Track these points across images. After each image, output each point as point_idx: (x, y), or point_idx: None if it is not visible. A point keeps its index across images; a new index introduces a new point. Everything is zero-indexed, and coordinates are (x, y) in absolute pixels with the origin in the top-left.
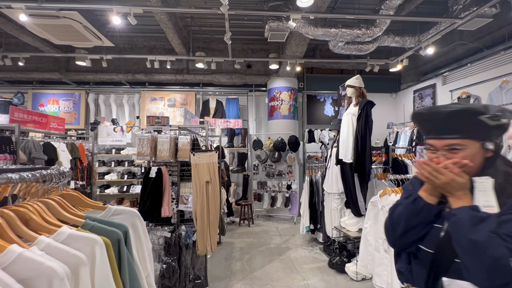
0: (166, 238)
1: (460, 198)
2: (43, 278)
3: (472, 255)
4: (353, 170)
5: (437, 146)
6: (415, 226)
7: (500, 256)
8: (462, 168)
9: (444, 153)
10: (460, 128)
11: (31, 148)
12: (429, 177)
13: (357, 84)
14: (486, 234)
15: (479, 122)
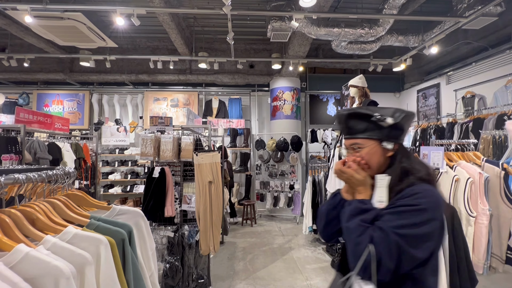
0: (169, 238)
1: (360, 193)
2: (49, 277)
3: (346, 239)
4: None
5: (347, 145)
6: (333, 218)
7: (360, 241)
8: (360, 166)
9: (351, 151)
10: (358, 129)
11: (36, 148)
12: (337, 175)
13: (360, 84)
14: (356, 223)
15: (374, 123)
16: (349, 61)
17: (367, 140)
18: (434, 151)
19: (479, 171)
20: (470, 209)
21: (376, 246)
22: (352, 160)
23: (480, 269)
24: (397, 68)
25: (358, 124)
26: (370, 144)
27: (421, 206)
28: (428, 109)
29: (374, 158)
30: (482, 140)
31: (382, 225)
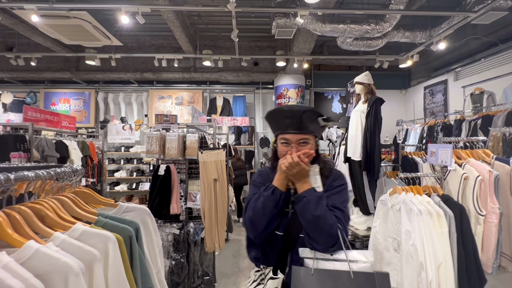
0: (175, 235)
1: (305, 183)
2: (59, 274)
3: (316, 226)
4: (362, 168)
5: (292, 140)
6: (276, 214)
7: (332, 223)
8: (310, 159)
9: (296, 146)
10: (308, 126)
11: (44, 146)
12: (287, 168)
13: (366, 80)
14: (325, 209)
15: (316, 121)
16: (355, 57)
17: (312, 136)
18: (442, 149)
19: (489, 169)
20: (480, 207)
21: (341, 223)
22: (304, 154)
23: (489, 269)
24: (404, 64)
25: (310, 122)
26: (313, 140)
27: (345, 185)
28: (435, 106)
29: (313, 152)
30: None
31: (337, 205)
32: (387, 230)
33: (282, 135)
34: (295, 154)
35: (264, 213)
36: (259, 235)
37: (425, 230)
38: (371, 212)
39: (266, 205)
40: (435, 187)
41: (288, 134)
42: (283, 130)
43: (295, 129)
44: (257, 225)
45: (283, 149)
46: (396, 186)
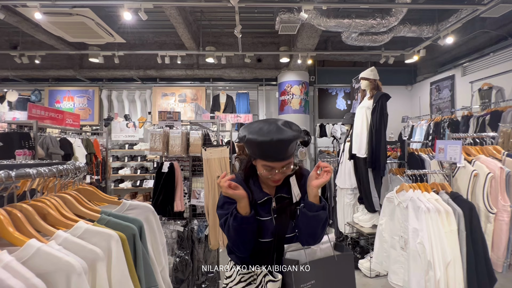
0: (179, 232)
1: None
2: (61, 273)
3: (318, 223)
4: (367, 165)
5: (277, 167)
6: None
7: (326, 217)
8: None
9: (280, 170)
10: (291, 152)
11: (48, 143)
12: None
13: (372, 76)
14: (322, 211)
15: (295, 146)
16: (359, 53)
17: (292, 157)
18: (451, 145)
19: (500, 165)
20: (490, 205)
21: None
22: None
23: (499, 268)
24: (410, 60)
25: (292, 146)
26: (292, 159)
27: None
28: (441, 102)
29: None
30: (502, 134)
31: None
32: (394, 228)
33: (266, 162)
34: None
35: (244, 239)
36: (245, 253)
37: (433, 228)
38: (377, 210)
39: (243, 233)
40: (444, 184)
41: (273, 162)
42: (267, 159)
43: (280, 159)
44: (241, 250)
45: (265, 174)
46: (403, 183)
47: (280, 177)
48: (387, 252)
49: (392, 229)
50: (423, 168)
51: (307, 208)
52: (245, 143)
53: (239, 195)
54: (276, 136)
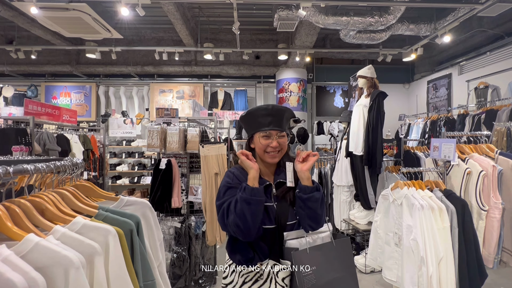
0: (176, 228)
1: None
2: (59, 267)
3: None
4: (364, 162)
5: (273, 134)
6: (260, 209)
7: (321, 197)
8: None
9: (277, 137)
10: (285, 125)
11: (45, 139)
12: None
13: (369, 74)
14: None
15: (288, 122)
16: (358, 51)
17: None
18: (445, 143)
19: (492, 164)
20: (482, 202)
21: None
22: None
23: (490, 263)
24: (407, 58)
25: (286, 121)
26: (286, 135)
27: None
28: (438, 101)
29: (286, 147)
30: (496, 132)
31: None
32: (388, 224)
33: (263, 132)
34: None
35: (250, 212)
36: (253, 234)
37: (427, 225)
38: (372, 207)
39: (251, 203)
40: (438, 182)
41: (270, 130)
42: (265, 127)
43: (276, 126)
44: (248, 227)
45: (263, 141)
46: (398, 181)
47: (276, 144)
48: (382, 249)
49: (386, 225)
50: (419, 166)
51: (301, 191)
52: (244, 118)
53: (251, 163)
54: (273, 105)
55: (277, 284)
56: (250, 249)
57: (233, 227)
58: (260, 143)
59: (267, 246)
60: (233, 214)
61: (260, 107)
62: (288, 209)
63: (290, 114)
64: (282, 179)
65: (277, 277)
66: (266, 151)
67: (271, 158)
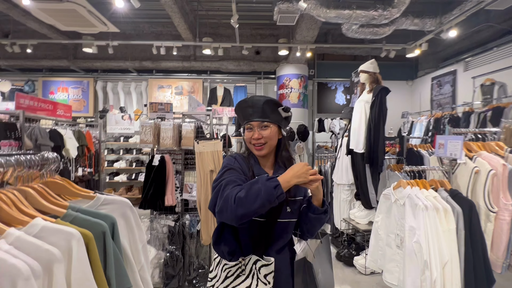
0: (170, 227)
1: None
2: (5, 277)
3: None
4: (365, 160)
5: (254, 125)
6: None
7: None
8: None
9: (258, 129)
10: (269, 115)
11: (37, 134)
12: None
13: (372, 69)
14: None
15: (277, 112)
16: (360, 46)
17: (275, 125)
18: (451, 140)
19: (502, 162)
20: (491, 203)
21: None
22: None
23: (498, 268)
24: (411, 54)
25: (271, 111)
26: (274, 127)
27: None
28: (442, 98)
29: (275, 139)
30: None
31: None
32: (390, 225)
33: (246, 124)
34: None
35: (255, 200)
36: (240, 217)
37: (431, 227)
38: (373, 206)
39: (263, 195)
40: (443, 181)
41: (252, 121)
42: (247, 118)
43: (258, 117)
44: (243, 206)
45: (247, 134)
46: (400, 180)
47: (258, 136)
48: (382, 250)
49: (388, 226)
50: (422, 164)
51: (310, 211)
52: (235, 112)
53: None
54: (253, 96)
55: (259, 280)
56: (234, 241)
57: (231, 200)
58: (245, 135)
59: (252, 239)
60: (245, 189)
61: (243, 100)
62: (282, 206)
63: (272, 104)
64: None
65: (259, 273)
66: (251, 143)
67: (257, 150)
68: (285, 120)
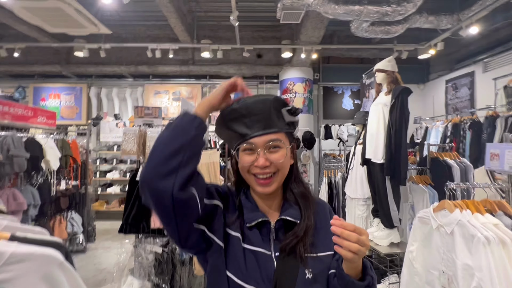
0: (157, 254)
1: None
2: None
3: None
4: (385, 172)
5: (258, 144)
6: (180, 143)
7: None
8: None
9: (264, 151)
10: (276, 123)
11: (9, 144)
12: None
13: (390, 67)
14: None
15: (281, 115)
16: (369, 47)
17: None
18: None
19: None
20: None
21: None
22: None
23: None
24: (424, 55)
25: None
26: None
27: None
28: (459, 102)
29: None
30: None
31: None
32: (431, 258)
33: (243, 145)
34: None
35: (173, 132)
36: (157, 171)
37: (496, 267)
38: (395, 225)
39: (181, 121)
40: (501, 202)
41: (252, 138)
42: (243, 137)
43: (261, 128)
44: (159, 150)
45: (245, 159)
46: (445, 200)
47: (263, 162)
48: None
49: (427, 259)
50: (451, 176)
51: (340, 284)
52: (216, 132)
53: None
54: (246, 98)
55: None
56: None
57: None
58: (242, 161)
59: None
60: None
61: (229, 108)
62: (297, 271)
63: (280, 104)
64: (290, 217)
65: None
66: (252, 173)
67: (262, 186)
68: (291, 127)
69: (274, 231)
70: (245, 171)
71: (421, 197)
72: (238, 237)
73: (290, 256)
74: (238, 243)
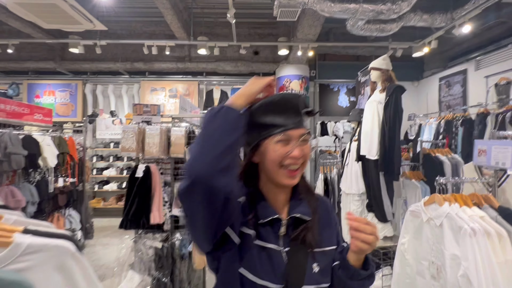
0: (157, 249)
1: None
2: None
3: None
4: (379, 168)
5: (295, 136)
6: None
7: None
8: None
9: (300, 142)
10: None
11: (6, 142)
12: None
13: (384, 66)
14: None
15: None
16: (365, 44)
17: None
18: (497, 146)
19: None
20: None
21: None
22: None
23: None
24: (419, 53)
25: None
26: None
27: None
28: (452, 99)
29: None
30: None
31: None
32: (421, 250)
33: (279, 136)
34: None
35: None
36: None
37: (482, 257)
38: (389, 220)
39: (226, 114)
40: (488, 196)
41: (288, 130)
42: (279, 128)
43: (296, 122)
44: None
45: (280, 149)
46: (435, 194)
47: (300, 152)
48: (411, 279)
49: (418, 251)
50: (442, 171)
51: (348, 275)
52: (250, 118)
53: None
54: (283, 94)
55: None
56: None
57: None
58: (275, 152)
59: None
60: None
61: (267, 99)
62: (306, 264)
63: (304, 102)
64: (301, 214)
65: None
66: (284, 164)
67: (290, 177)
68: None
69: (286, 226)
70: (276, 163)
71: (414, 192)
72: (252, 234)
73: (300, 251)
74: (251, 240)
